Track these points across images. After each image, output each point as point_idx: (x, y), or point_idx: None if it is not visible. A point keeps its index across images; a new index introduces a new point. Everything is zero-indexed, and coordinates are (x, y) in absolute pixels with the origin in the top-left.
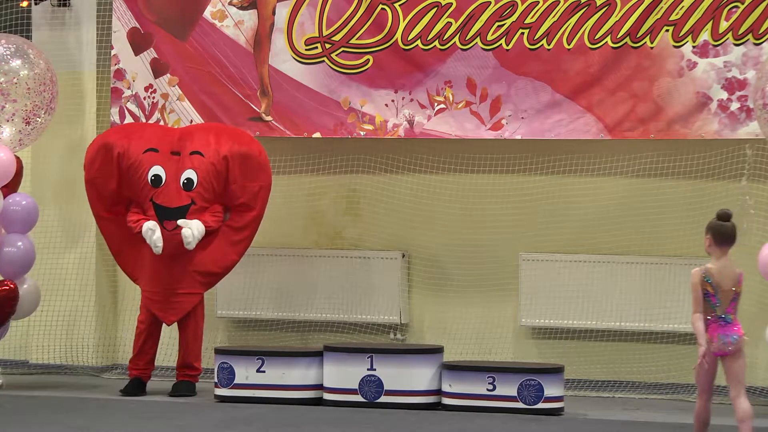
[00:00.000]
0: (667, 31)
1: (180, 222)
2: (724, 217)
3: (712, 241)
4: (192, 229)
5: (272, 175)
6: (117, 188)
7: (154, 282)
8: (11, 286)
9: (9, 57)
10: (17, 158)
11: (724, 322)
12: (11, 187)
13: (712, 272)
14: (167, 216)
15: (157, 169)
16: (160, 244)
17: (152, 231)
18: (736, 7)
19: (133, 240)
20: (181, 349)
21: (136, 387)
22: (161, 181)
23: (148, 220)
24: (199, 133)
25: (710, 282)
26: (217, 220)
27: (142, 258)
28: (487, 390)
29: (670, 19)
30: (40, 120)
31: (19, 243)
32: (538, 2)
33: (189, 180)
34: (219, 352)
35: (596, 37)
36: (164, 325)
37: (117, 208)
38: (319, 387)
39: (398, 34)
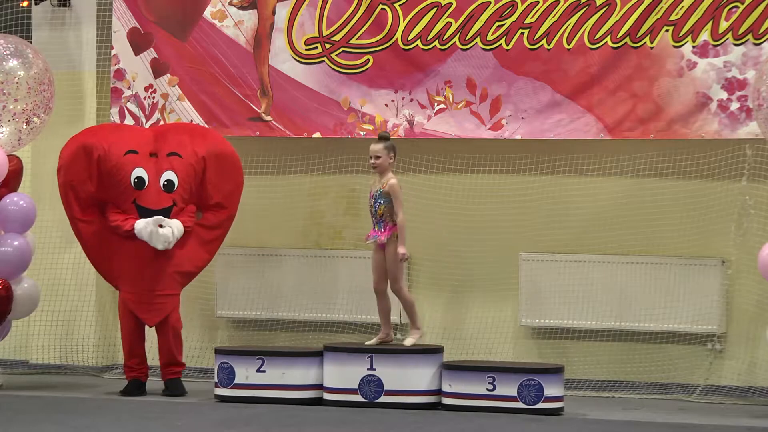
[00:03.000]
0: (667, 31)
1: (163, 222)
2: (385, 136)
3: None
4: (173, 229)
5: (243, 175)
6: (95, 191)
7: (135, 283)
8: (4, 284)
9: (8, 57)
10: (18, 158)
11: None
12: (12, 187)
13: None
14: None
15: (139, 171)
16: (171, 237)
17: (153, 226)
18: (736, 7)
19: (112, 242)
20: (163, 349)
21: (136, 388)
22: (144, 184)
23: (134, 219)
24: (172, 133)
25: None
26: (193, 220)
27: (121, 260)
28: (487, 390)
29: (670, 19)
30: (38, 120)
31: (16, 242)
32: (538, 2)
33: (169, 182)
34: (219, 352)
35: (596, 37)
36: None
37: (92, 210)
38: (319, 387)
39: (398, 34)
